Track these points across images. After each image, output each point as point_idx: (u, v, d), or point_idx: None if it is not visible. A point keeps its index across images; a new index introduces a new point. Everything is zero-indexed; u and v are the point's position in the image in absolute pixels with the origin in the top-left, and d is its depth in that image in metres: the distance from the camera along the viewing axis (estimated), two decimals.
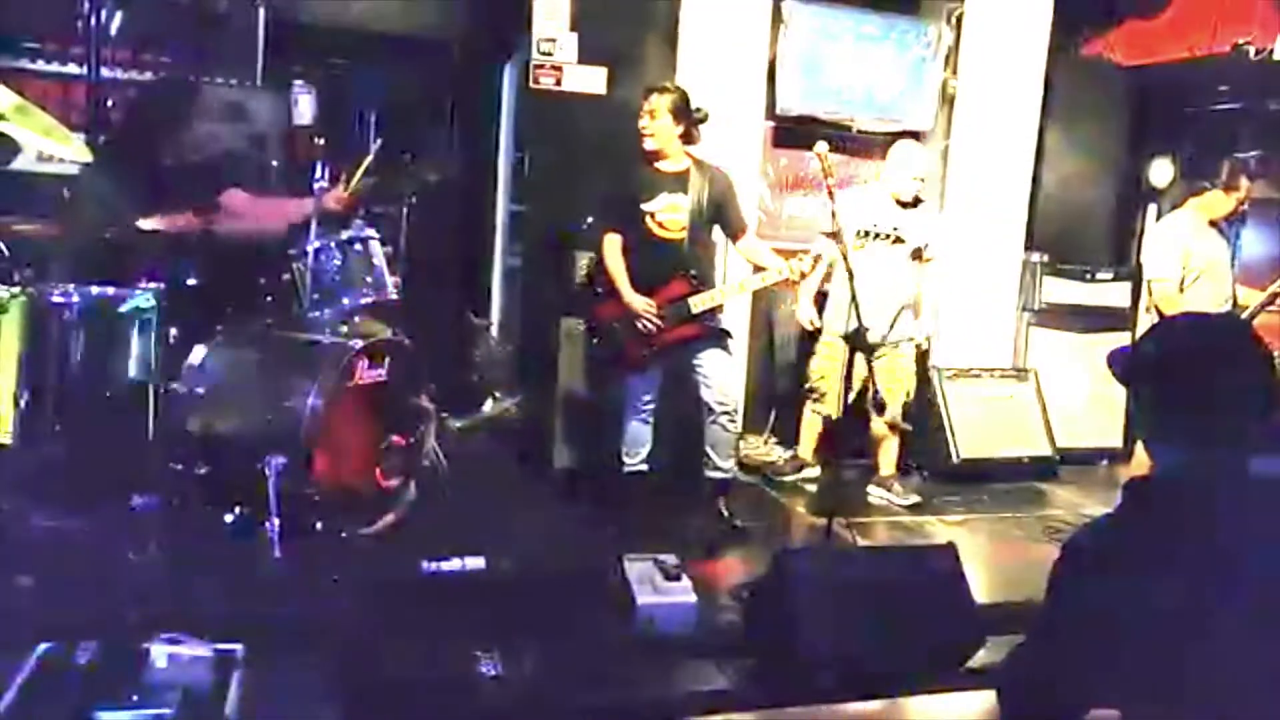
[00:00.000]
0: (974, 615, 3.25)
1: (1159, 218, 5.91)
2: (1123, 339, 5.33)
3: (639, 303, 4.07)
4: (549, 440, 4.69)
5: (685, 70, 5.03)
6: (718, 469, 4.27)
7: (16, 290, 3.39)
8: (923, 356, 5.16)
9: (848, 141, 5.56)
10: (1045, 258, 5.87)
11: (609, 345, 4.19)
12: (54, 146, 3.36)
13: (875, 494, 4.92)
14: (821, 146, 3.97)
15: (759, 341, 5.45)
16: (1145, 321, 5.18)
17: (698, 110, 4.16)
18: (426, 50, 5.62)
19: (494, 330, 6.02)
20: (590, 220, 4.61)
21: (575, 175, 4.84)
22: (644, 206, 4.11)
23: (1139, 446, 4.07)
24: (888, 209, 4.75)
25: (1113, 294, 5.94)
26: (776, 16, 5.27)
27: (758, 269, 4.23)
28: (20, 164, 4.37)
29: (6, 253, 3.47)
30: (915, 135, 5.63)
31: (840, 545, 3.93)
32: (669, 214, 4.11)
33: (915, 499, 4.90)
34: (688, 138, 4.14)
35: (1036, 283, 5.86)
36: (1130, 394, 1.77)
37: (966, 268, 5.62)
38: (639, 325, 4.07)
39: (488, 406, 5.47)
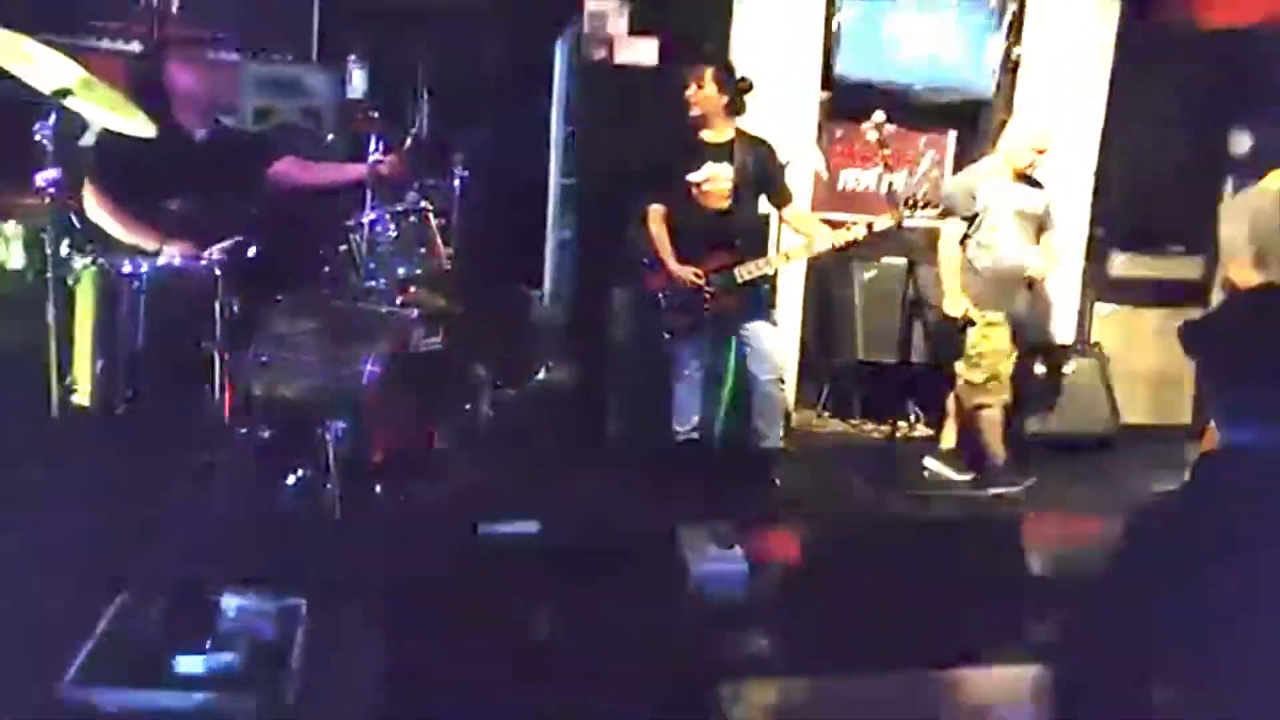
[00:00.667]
0: (1033, 588, 3.23)
1: (1235, 191, 5.73)
2: (1193, 314, 5.19)
3: (684, 272, 4.10)
4: (601, 409, 4.73)
5: (740, 40, 5.01)
6: (765, 438, 4.27)
7: (88, 261, 3.50)
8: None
9: (906, 112, 5.50)
10: (1112, 231, 5.72)
11: (656, 314, 4.22)
12: (119, 121, 3.43)
13: (935, 467, 4.78)
14: (879, 116, 3.95)
15: (812, 311, 5.42)
16: (1218, 296, 5.05)
17: (742, 80, 4.16)
18: (479, 24, 5.65)
19: (545, 300, 6.07)
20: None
21: (626, 148, 4.85)
22: (688, 177, 4.12)
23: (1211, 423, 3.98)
24: (1005, 183, 4.52)
25: (1185, 268, 5.75)
26: None
27: (805, 237, 4.23)
28: (87, 139, 4.48)
29: (79, 225, 3.57)
30: (976, 105, 5.57)
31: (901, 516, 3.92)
32: (713, 184, 4.12)
33: (972, 474, 4.73)
34: (733, 108, 4.15)
35: (1104, 257, 5.73)
36: (1200, 368, 1.75)
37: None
38: (684, 295, 4.10)
39: (540, 375, 5.52)
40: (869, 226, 4.14)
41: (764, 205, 4.38)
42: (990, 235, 4.44)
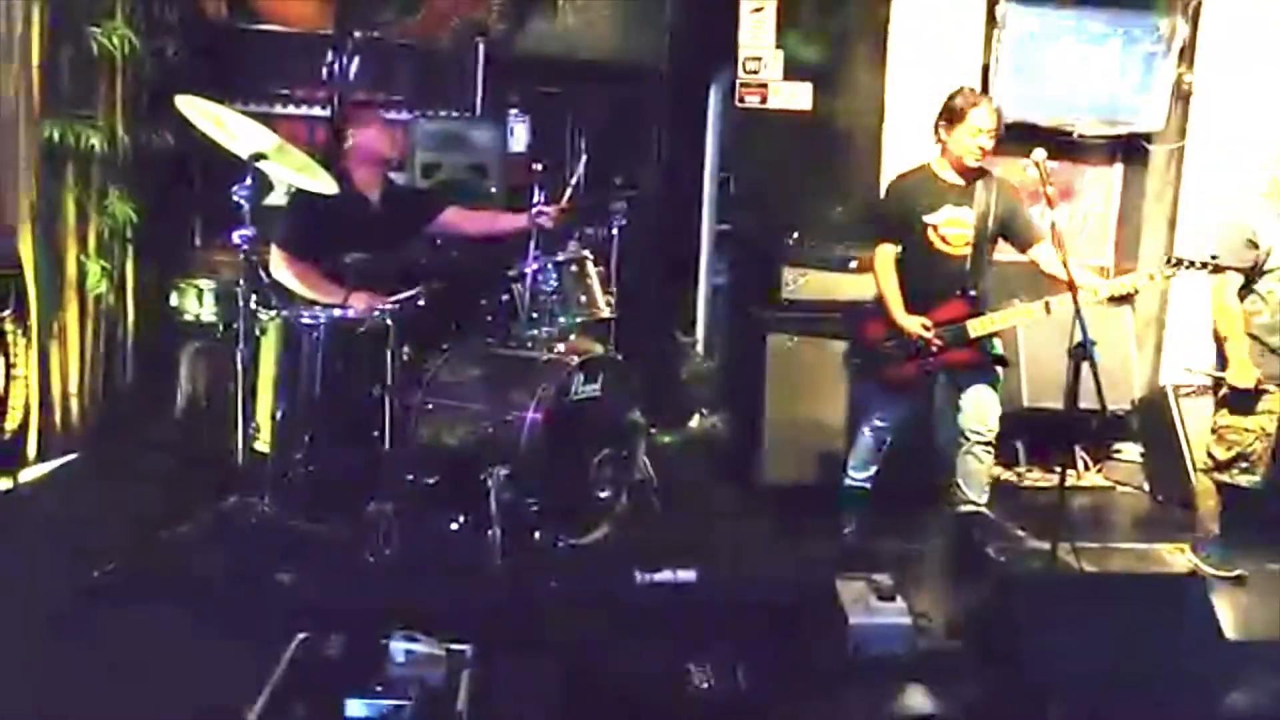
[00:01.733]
0: (1226, 652, 3.01)
1: None
2: None
3: (912, 325, 3.83)
4: (755, 456, 4.69)
5: (894, 79, 4.94)
6: (970, 502, 4.03)
7: (273, 314, 3.74)
8: None
9: (1068, 145, 5.31)
10: None
11: (871, 365, 4.02)
12: (306, 181, 3.67)
13: (1192, 561, 4.06)
14: (1038, 154, 3.77)
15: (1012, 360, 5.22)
16: None
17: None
18: (634, 74, 5.77)
19: (699, 347, 6.09)
20: (795, 235, 4.60)
21: (781, 193, 4.84)
22: (925, 219, 3.88)
23: None
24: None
25: None
26: (991, 20, 5.10)
27: (1063, 285, 3.60)
28: (272, 199, 4.80)
29: (266, 280, 3.82)
30: (1145, 138, 5.33)
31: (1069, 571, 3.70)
32: (952, 228, 3.88)
33: (1240, 571, 3.95)
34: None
35: None
36: None
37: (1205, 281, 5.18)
38: (907, 347, 3.86)
39: (694, 422, 5.53)
40: (1150, 277, 3.82)
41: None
42: (1274, 284, 3.83)
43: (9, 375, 3.96)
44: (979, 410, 3.94)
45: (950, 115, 3.90)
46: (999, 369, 3.99)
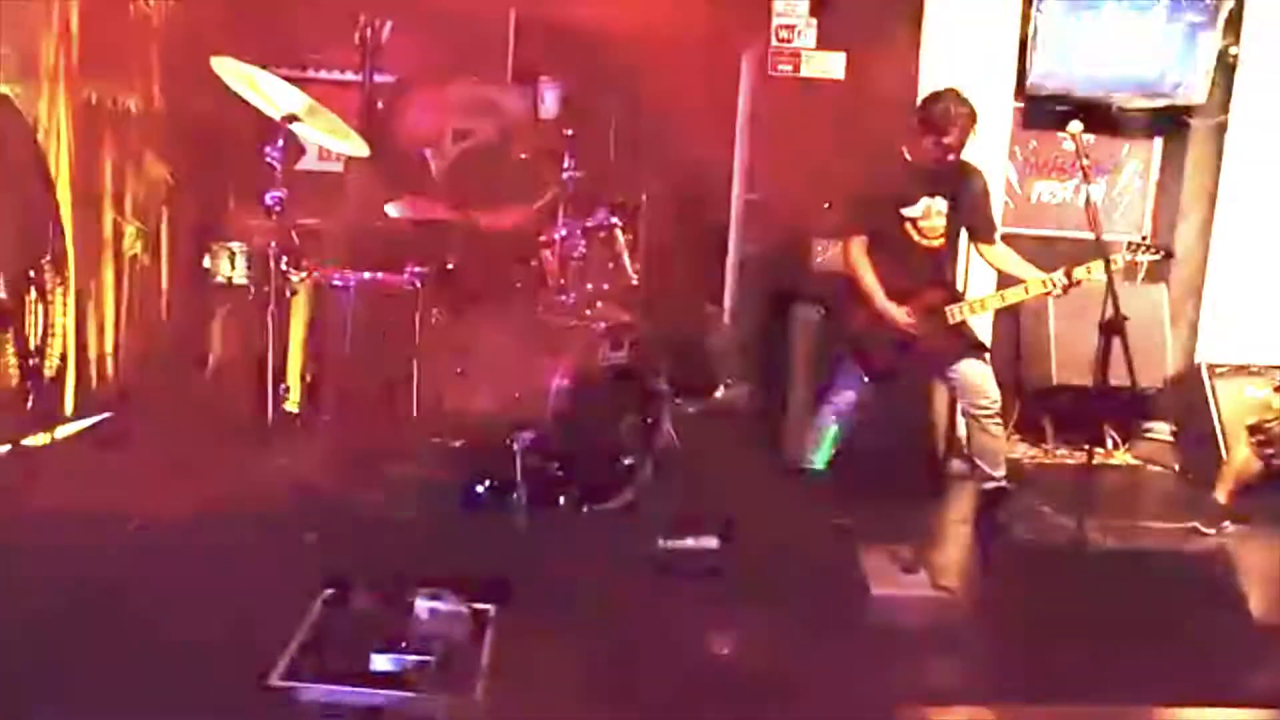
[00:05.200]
0: (1246, 627, 3.00)
1: None
2: None
3: (896, 314, 3.86)
4: (780, 426, 4.69)
5: (930, 50, 4.88)
6: (990, 479, 4.01)
7: (304, 275, 3.77)
8: None
9: (1107, 118, 5.22)
10: None
11: (858, 354, 4.02)
12: (336, 143, 3.70)
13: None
14: (1075, 126, 3.70)
15: (1002, 325, 5.20)
16: None
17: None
18: (666, 41, 5.73)
19: (727, 317, 6.08)
20: (828, 206, 4.56)
21: (811, 164, 4.81)
22: (904, 211, 3.88)
23: None
24: None
25: None
26: None
27: (1010, 278, 3.96)
28: (304, 164, 4.83)
29: (298, 242, 3.86)
30: (1186, 111, 5.23)
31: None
32: (930, 220, 3.89)
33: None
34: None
35: None
36: None
37: (1249, 260, 5.10)
38: (889, 335, 3.88)
39: (719, 392, 5.54)
40: (1095, 268, 3.73)
41: None
42: None
43: (48, 322, 4.02)
44: (975, 383, 3.92)
45: (925, 119, 3.84)
46: (984, 353, 4.00)
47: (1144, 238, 4.03)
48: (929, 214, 3.89)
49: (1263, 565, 3.87)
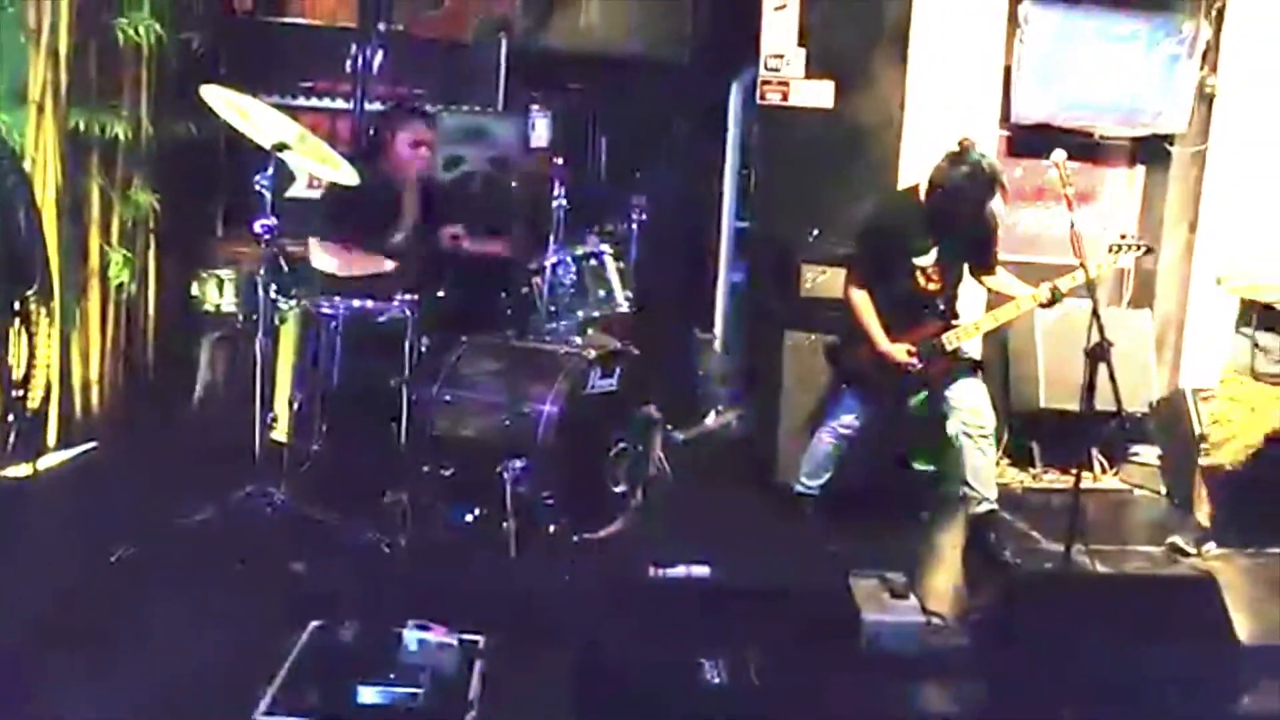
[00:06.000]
0: (1236, 654, 2.99)
1: None
2: None
3: (898, 355, 3.87)
4: (772, 453, 4.69)
5: (916, 79, 4.93)
6: (984, 500, 4.00)
7: (294, 303, 3.76)
8: None
9: (1089, 150, 5.28)
10: None
11: (860, 388, 4.04)
12: (327, 171, 3.69)
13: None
14: (1059, 155, 3.74)
15: (991, 349, 5.22)
16: None
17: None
18: (656, 70, 5.78)
19: (717, 344, 6.09)
20: (816, 232, 4.58)
21: (801, 190, 4.83)
22: (916, 261, 3.87)
23: None
24: None
25: None
26: (1013, 19, 5.08)
27: (1002, 297, 4.02)
28: (293, 191, 4.82)
29: (287, 269, 3.84)
30: (1167, 140, 5.30)
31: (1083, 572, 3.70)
32: (940, 265, 3.87)
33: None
34: None
35: None
36: None
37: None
38: (890, 370, 3.90)
39: (710, 419, 5.53)
40: (1079, 275, 3.74)
41: None
42: None
43: (32, 354, 3.99)
44: (972, 402, 3.94)
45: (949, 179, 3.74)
46: (979, 370, 4.03)
47: (1123, 235, 4.03)
48: (940, 260, 3.88)
49: (1242, 586, 3.88)
